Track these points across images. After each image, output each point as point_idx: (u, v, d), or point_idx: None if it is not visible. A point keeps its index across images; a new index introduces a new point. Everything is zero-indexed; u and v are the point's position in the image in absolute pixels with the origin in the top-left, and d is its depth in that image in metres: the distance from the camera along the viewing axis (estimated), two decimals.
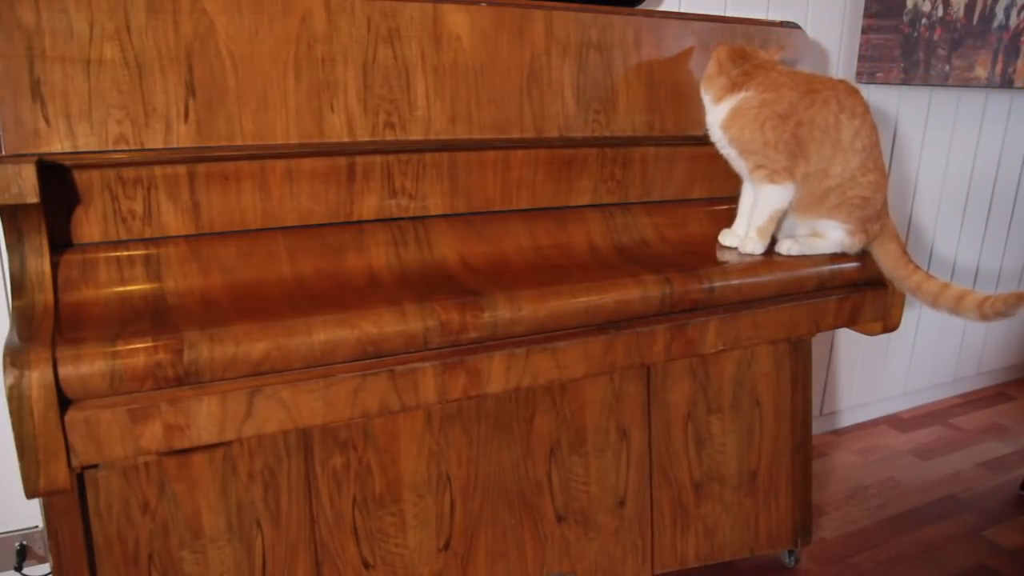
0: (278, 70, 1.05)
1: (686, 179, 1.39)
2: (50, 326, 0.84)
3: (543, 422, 1.32)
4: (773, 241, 1.29)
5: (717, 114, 1.27)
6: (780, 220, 1.28)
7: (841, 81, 1.27)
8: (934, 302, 1.29)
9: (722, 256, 1.26)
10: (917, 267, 1.31)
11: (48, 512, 0.98)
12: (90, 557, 1.02)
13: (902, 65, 2.01)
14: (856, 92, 1.27)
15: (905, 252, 1.31)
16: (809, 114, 1.22)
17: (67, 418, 0.80)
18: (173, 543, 1.07)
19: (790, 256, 1.27)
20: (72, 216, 0.94)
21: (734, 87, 1.25)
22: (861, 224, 1.26)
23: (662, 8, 1.67)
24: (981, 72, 2.17)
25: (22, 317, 0.86)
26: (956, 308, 1.27)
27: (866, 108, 1.26)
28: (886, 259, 1.31)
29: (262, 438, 1.09)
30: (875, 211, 1.27)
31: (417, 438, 1.21)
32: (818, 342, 2.19)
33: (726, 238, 1.32)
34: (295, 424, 0.91)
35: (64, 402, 0.80)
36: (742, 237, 1.29)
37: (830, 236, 1.28)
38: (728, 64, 1.26)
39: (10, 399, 0.77)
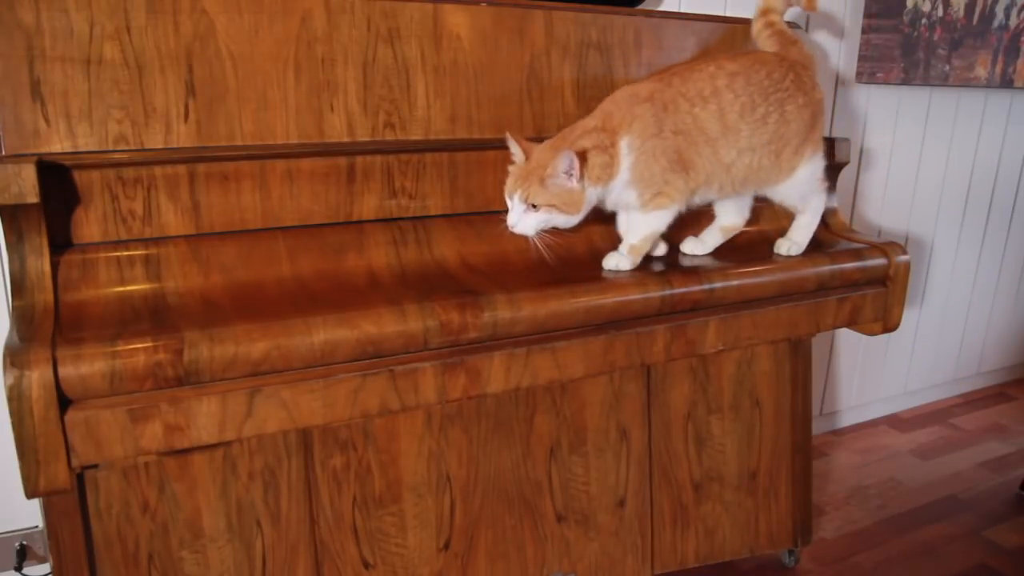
0: (278, 70, 1.05)
1: None
2: (50, 326, 0.84)
3: (543, 422, 1.32)
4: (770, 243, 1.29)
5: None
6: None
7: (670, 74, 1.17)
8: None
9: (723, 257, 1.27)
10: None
11: (48, 512, 0.98)
12: (90, 557, 1.02)
13: (902, 65, 2.01)
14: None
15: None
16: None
17: (67, 418, 0.80)
18: (173, 543, 1.07)
19: (790, 257, 1.27)
20: (72, 216, 0.94)
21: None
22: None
23: (662, 8, 1.67)
24: (981, 72, 2.17)
25: (22, 317, 0.86)
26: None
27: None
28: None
29: (262, 438, 1.09)
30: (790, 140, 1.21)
31: (417, 438, 1.21)
32: (818, 342, 2.19)
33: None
34: (295, 424, 0.91)
35: (64, 402, 0.80)
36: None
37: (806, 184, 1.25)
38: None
39: (10, 399, 0.77)
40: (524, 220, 1.05)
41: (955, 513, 1.90)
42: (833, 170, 1.47)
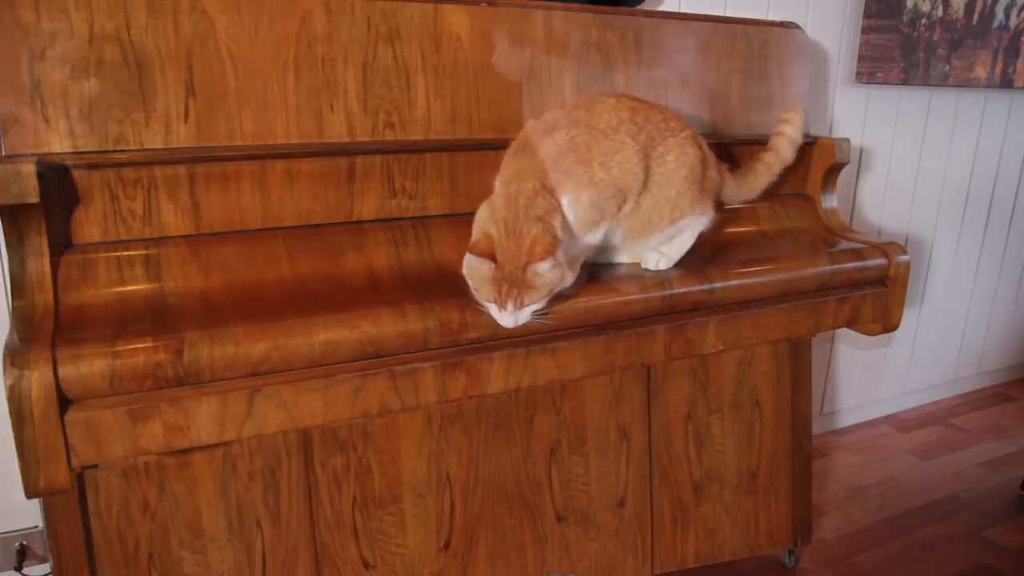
0: (278, 70, 1.05)
1: None
2: (50, 326, 0.84)
3: (543, 422, 1.32)
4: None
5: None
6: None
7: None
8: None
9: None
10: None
11: (48, 512, 0.98)
12: (90, 557, 1.02)
13: (902, 65, 2.01)
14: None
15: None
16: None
17: (67, 418, 0.80)
18: (173, 543, 1.07)
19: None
20: (72, 216, 0.94)
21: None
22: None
23: (662, 8, 1.67)
24: (981, 72, 2.17)
25: (22, 317, 0.86)
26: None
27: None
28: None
29: (262, 438, 1.09)
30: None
31: (417, 438, 1.21)
32: (818, 342, 2.19)
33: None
34: (295, 424, 0.91)
35: (64, 402, 0.80)
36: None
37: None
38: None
39: (10, 399, 0.77)
40: (521, 316, 0.99)
41: (955, 513, 1.90)
42: (833, 170, 1.47)
